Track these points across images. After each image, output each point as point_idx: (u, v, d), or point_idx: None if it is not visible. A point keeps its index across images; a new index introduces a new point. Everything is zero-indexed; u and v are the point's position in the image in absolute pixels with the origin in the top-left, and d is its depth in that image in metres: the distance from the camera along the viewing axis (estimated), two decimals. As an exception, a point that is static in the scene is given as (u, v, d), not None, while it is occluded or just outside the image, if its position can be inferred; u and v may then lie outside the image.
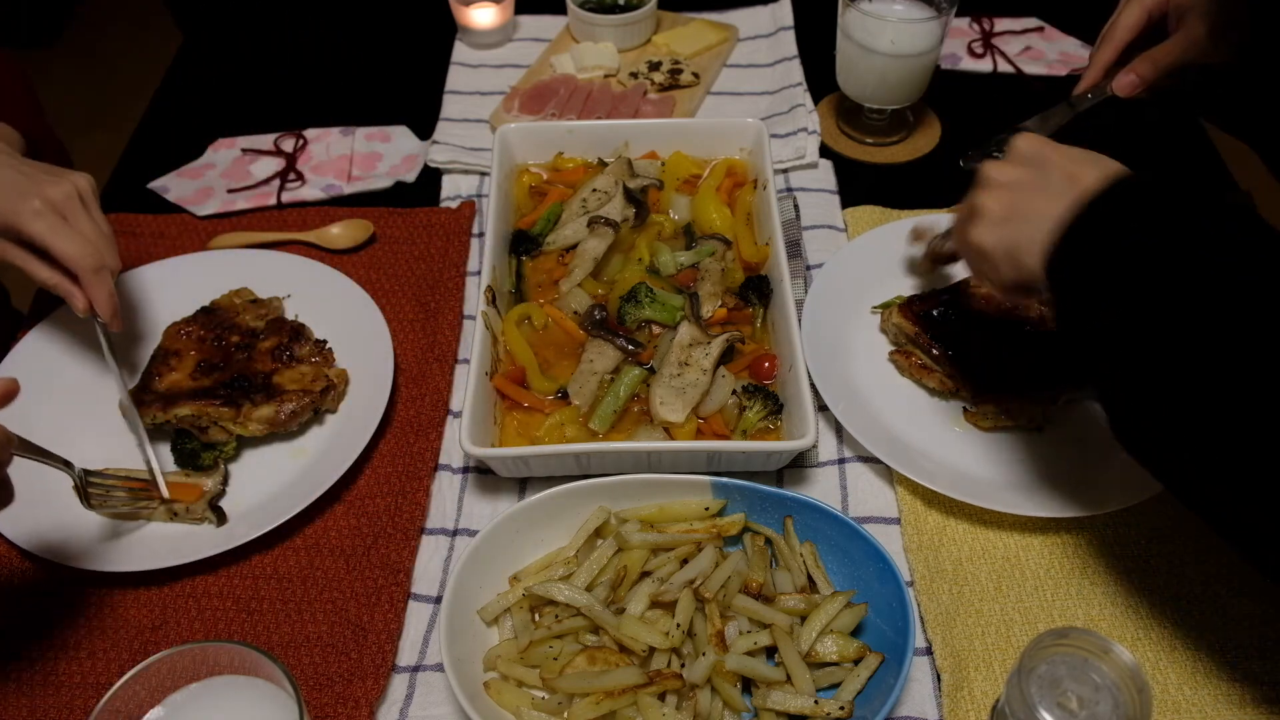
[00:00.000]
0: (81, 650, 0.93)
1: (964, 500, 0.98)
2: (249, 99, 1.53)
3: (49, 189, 0.98)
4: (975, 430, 1.08)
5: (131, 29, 3.59)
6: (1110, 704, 0.75)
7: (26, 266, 1.00)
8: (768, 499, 0.95)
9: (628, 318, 1.13)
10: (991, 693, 0.89)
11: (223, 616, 0.96)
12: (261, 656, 0.74)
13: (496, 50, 1.61)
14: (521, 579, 0.93)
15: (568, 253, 1.21)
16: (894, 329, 1.14)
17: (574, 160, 1.32)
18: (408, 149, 1.44)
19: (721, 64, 1.58)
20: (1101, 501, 0.98)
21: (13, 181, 0.97)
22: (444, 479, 1.07)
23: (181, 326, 1.13)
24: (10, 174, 0.98)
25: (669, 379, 1.06)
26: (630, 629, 0.85)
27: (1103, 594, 0.96)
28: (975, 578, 0.97)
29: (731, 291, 1.16)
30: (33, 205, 0.96)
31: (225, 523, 1.00)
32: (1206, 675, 0.90)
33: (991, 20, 1.62)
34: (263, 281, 1.21)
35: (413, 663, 0.93)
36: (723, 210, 1.24)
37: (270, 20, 1.70)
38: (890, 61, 1.31)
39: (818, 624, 0.87)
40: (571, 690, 0.83)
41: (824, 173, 1.39)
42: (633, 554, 0.92)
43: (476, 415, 0.99)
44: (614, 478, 0.95)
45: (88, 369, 1.14)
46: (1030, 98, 1.49)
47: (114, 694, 0.72)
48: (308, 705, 0.84)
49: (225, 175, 1.38)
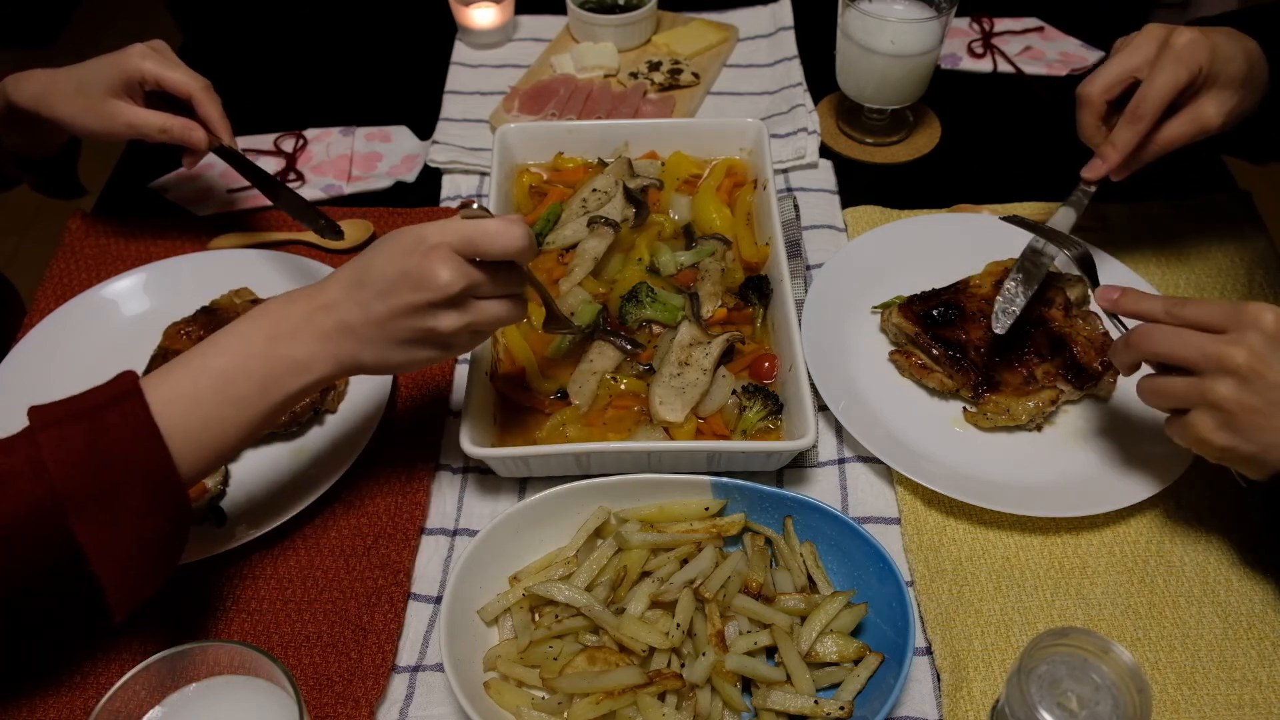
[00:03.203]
0: (81, 650, 0.93)
1: (964, 500, 0.98)
2: (249, 99, 1.53)
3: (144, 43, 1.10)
4: (975, 430, 1.08)
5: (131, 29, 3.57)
6: (1110, 704, 0.75)
7: (138, 119, 1.08)
8: (768, 499, 0.95)
9: (629, 317, 1.13)
10: (991, 693, 0.89)
11: (223, 616, 0.96)
12: (261, 656, 0.74)
13: (496, 50, 1.61)
14: (521, 579, 0.93)
15: (568, 252, 1.21)
16: (894, 329, 1.14)
17: (574, 160, 1.32)
18: (408, 149, 1.44)
19: (721, 64, 1.58)
20: (1101, 501, 0.99)
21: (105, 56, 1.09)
22: (444, 479, 1.07)
23: (182, 326, 1.13)
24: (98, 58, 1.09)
25: (669, 379, 1.06)
26: (630, 629, 0.85)
27: (1103, 594, 0.96)
28: (975, 578, 0.97)
29: (731, 291, 1.16)
30: (135, 50, 1.09)
31: (225, 523, 1.00)
32: (1206, 675, 0.90)
33: (991, 20, 1.62)
34: (263, 281, 1.21)
35: (413, 663, 0.93)
36: (723, 210, 1.24)
37: (270, 20, 1.70)
38: (890, 61, 1.31)
39: (818, 624, 0.87)
40: (571, 690, 0.83)
41: (824, 173, 1.39)
42: (633, 554, 0.92)
43: (476, 415, 0.99)
44: (614, 478, 0.95)
45: (88, 368, 1.14)
46: (1030, 98, 1.50)
47: (114, 694, 0.72)
48: (308, 705, 0.84)
49: (225, 175, 1.38)
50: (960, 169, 1.40)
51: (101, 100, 1.07)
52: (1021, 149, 1.16)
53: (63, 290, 1.23)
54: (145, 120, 1.08)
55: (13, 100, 1.07)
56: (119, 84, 1.07)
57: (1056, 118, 1.13)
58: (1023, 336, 1.09)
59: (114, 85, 1.07)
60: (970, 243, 1.22)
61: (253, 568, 0.99)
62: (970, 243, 1.22)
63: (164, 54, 1.11)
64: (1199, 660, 0.91)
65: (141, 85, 1.09)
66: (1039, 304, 1.11)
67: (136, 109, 1.08)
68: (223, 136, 1.13)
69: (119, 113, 1.07)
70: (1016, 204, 1.31)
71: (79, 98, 1.06)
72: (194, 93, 1.10)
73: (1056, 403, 1.06)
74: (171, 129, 1.09)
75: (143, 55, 1.08)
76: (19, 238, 2.91)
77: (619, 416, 1.06)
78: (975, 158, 1.41)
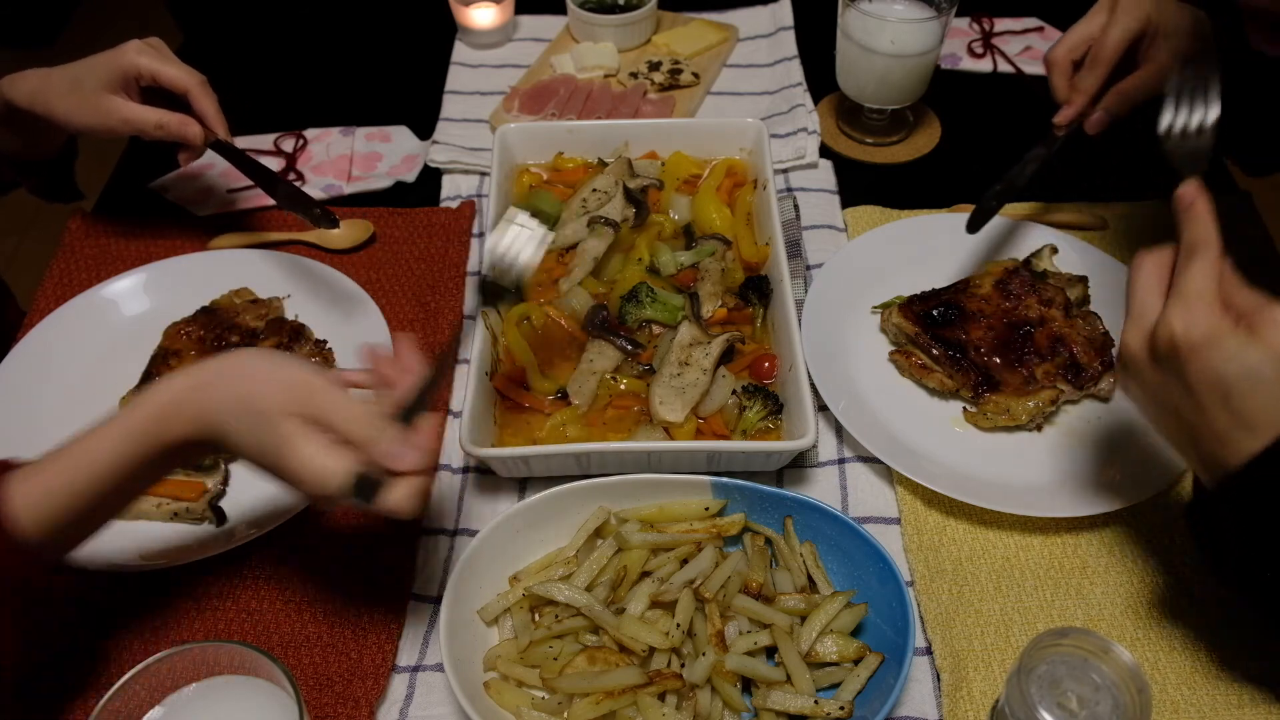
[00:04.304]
0: (82, 650, 0.93)
1: (964, 500, 0.98)
2: (249, 99, 1.53)
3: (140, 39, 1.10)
4: (975, 430, 1.08)
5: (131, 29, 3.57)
6: (1110, 704, 0.75)
7: (134, 114, 1.07)
8: (768, 499, 0.95)
9: (629, 317, 1.13)
10: (991, 692, 0.89)
11: (223, 616, 0.96)
12: (261, 656, 0.74)
13: (496, 50, 1.61)
14: (521, 579, 0.93)
15: (568, 252, 1.21)
16: (894, 329, 1.14)
17: (574, 160, 1.32)
18: (408, 149, 1.44)
19: (721, 64, 1.57)
20: (1101, 501, 0.99)
21: (101, 53, 1.08)
22: (444, 479, 1.07)
23: (182, 326, 1.13)
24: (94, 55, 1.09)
25: (669, 379, 1.06)
26: (630, 629, 0.85)
27: (1103, 594, 0.96)
28: (975, 578, 0.97)
29: (731, 291, 1.16)
30: (132, 45, 1.08)
31: (225, 523, 1.00)
32: (1206, 675, 0.90)
33: (991, 20, 1.62)
34: (263, 281, 1.21)
35: (413, 663, 0.93)
36: (723, 210, 1.24)
37: (270, 20, 1.70)
38: (890, 61, 1.31)
39: (818, 624, 0.87)
40: (571, 690, 0.83)
41: (824, 173, 1.39)
42: (633, 554, 0.92)
43: (476, 415, 0.99)
44: (614, 478, 0.95)
45: (88, 369, 1.14)
46: (1030, 98, 1.50)
47: (114, 694, 0.72)
48: (308, 705, 0.84)
49: (225, 175, 1.38)
50: (960, 169, 1.40)
51: (97, 96, 1.06)
52: (1021, 149, 1.16)
53: (63, 290, 1.23)
54: (141, 116, 1.08)
55: (9, 99, 1.07)
56: (115, 80, 1.07)
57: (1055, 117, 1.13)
58: (1023, 336, 1.09)
59: (110, 81, 1.07)
60: (970, 243, 1.22)
61: (253, 568, 0.99)
62: (970, 243, 1.22)
63: (160, 50, 1.11)
64: (1199, 660, 0.91)
65: (138, 81, 1.09)
66: (1039, 304, 1.11)
67: (132, 105, 1.08)
68: (218, 131, 1.13)
69: (115, 108, 1.07)
70: (1016, 204, 1.31)
71: (74, 94, 1.06)
72: (190, 88, 1.10)
73: (1056, 403, 1.06)
74: (168, 124, 1.09)
75: (139, 51, 1.08)
76: (19, 238, 2.91)
77: (619, 416, 1.06)
78: (975, 158, 1.40)
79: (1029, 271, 1.15)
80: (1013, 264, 1.16)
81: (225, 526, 1.00)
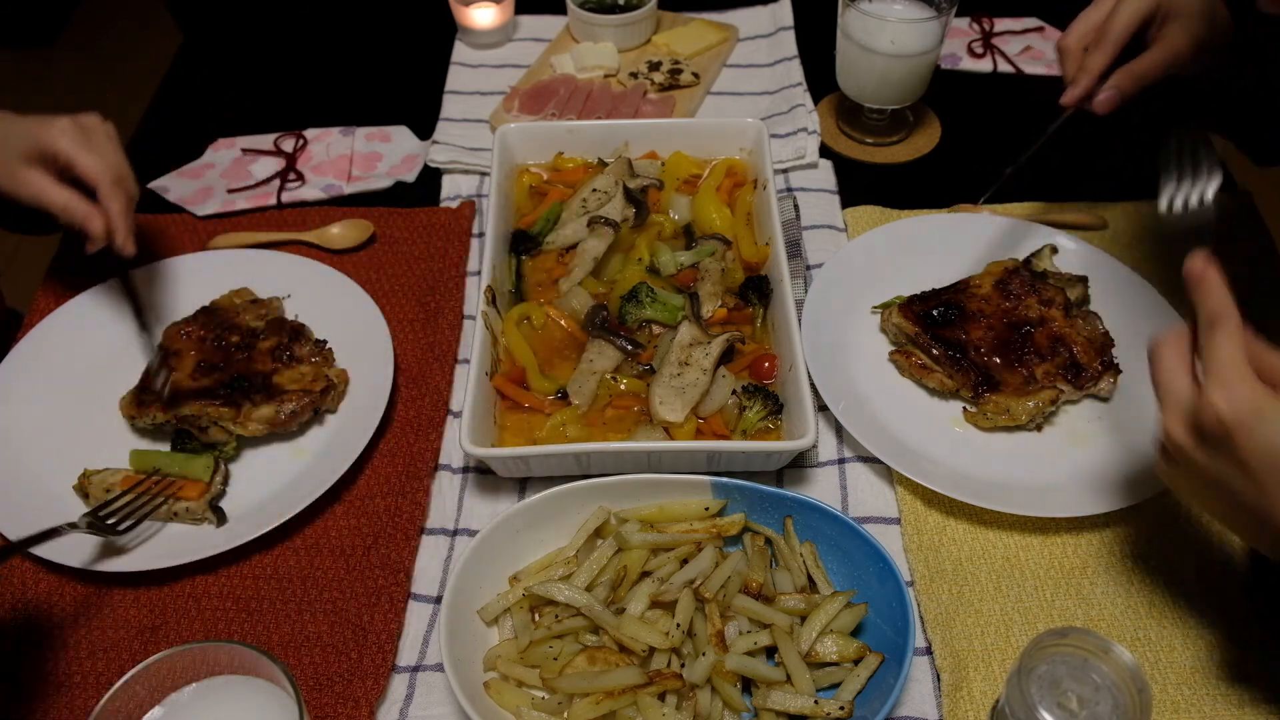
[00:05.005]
0: (81, 650, 0.93)
1: (964, 500, 0.98)
2: (249, 99, 1.53)
3: (76, 117, 1.06)
4: (975, 430, 1.08)
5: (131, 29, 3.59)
6: (1110, 704, 0.75)
7: (43, 192, 1.03)
8: (768, 499, 0.94)
9: (629, 317, 1.13)
10: (991, 693, 0.89)
11: (223, 616, 0.96)
12: (261, 656, 0.74)
13: (496, 50, 1.61)
14: (521, 579, 0.93)
15: (568, 252, 1.21)
16: (894, 329, 1.14)
17: (574, 160, 1.32)
18: (408, 149, 1.44)
19: (721, 64, 1.57)
20: (1101, 501, 0.99)
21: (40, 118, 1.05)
22: (444, 479, 1.07)
23: (181, 326, 1.13)
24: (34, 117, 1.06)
25: (669, 379, 1.06)
26: (630, 629, 0.85)
27: (1103, 594, 0.96)
28: (975, 578, 0.97)
29: (731, 291, 1.16)
30: (60, 124, 1.04)
31: (225, 523, 1.00)
32: (1206, 675, 0.90)
33: (991, 20, 1.62)
34: (263, 281, 1.21)
35: (413, 663, 0.93)
36: (723, 210, 1.24)
37: (270, 20, 1.70)
38: (890, 61, 1.31)
39: (818, 624, 0.87)
40: (571, 690, 0.83)
41: (824, 173, 1.39)
42: (633, 554, 0.92)
43: (476, 415, 0.99)
44: (614, 478, 0.95)
45: (88, 369, 1.14)
46: (1030, 98, 1.50)
47: (114, 694, 0.72)
48: (308, 705, 0.84)
49: (225, 175, 1.38)
50: (960, 169, 1.40)
51: (14, 163, 1.03)
52: (1021, 149, 1.16)
53: (62, 291, 1.23)
54: (50, 196, 1.03)
55: None
56: (34, 152, 1.03)
57: (1056, 118, 1.13)
58: (1023, 336, 1.09)
59: (29, 152, 1.03)
60: (970, 243, 1.22)
61: (253, 568, 0.99)
62: (970, 243, 1.22)
63: (90, 132, 1.05)
64: (1199, 660, 0.91)
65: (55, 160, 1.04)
66: (1039, 304, 1.11)
67: (44, 181, 1.03)
68: (115, 236, 1.05)
69: (27, 180, 1.03)
70: (1016, 204, 1.31)
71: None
72: (100, 184, 1.04)
73: (1056, 403, 1.06)
74: (73, 211, 1.03)
75: (62, 131, 1.03)
76: (19, 238, 2.90)
77: (619, 416, 1.06)
78: (975, 158, 1.41)
79: (1029, 271, 1.15)
80: (1013, 264, 1.16)
81: (225, 526, 1.00)
